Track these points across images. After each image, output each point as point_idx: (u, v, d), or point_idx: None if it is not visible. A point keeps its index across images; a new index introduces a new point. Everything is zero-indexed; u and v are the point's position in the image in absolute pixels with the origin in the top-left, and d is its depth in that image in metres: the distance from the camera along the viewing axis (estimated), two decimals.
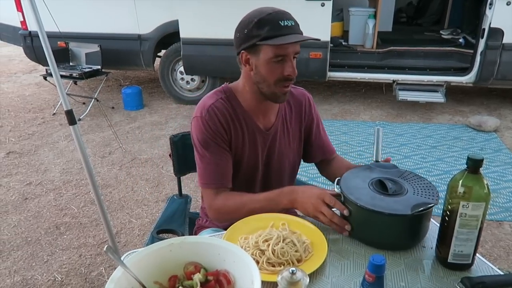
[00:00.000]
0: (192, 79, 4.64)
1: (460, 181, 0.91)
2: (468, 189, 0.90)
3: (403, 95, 4.22)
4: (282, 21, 1.14)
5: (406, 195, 1.07)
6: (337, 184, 1.14)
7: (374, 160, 1.26)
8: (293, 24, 1.16)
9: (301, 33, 1.17)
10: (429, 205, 1.01)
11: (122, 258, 0.93)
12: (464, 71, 4.15)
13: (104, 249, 0.77)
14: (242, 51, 1.21)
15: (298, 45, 1.18)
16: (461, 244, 0.94)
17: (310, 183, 2.15)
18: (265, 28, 1.13)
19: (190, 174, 1.65)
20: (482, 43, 3.92)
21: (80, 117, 4.29)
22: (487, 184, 0.91)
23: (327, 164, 1.51)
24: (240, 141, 1.29)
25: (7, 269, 2.20)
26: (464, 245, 0.94)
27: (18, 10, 4.57)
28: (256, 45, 1.16)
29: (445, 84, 4.24)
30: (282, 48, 1.15)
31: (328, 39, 4.08)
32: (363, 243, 1.08)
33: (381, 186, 1.11)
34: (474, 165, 0.90)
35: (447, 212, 0.95)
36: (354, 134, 3.86)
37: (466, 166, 0.91)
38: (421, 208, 1.00)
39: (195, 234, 1.46)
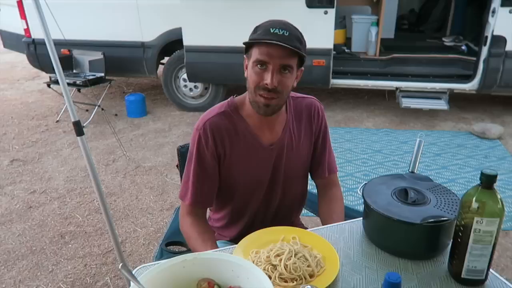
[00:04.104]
0: (195, 86, 4.65)
1: (474, 197, 0.91)
2: (482, 204, 0.90)
3: (406, 102, 4.23)
4: (273, 28, 1.12)
5: (425, 206, 1.07)
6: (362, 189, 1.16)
7: (409, 170, 1.27)
8: (285, 33, 1.11)
9: (289, 44, 1.10)
10: (442, 219, 1.01)
11: (133, 272, 0.93)
12: (467, 78, 4.16)
13: (120, 267, 0.77)
14: (245, 56, 1.22)
15: (286, 58, 1.12)
16: (475, 260, 0.94)
17: None
18: (257, 32, 1.15)
19: None
20: (485, 50, 3.93)
21: (84, 125, 4.26)
22: (500, 199, 0.91)
23: (322, 197, 1.43)
24: (237, 157, 1.27)
25: (12, 278, 2.19)
26: (478, 260, 0.94)
27: (21, 18, 4.58)
28: (249, 48, 1.18)
29: (448, 91, 4.25)
30: (264, 54, 1.12)
31: (331, 46, 4.09)
32: (378, 247, 1.10)
33: (403, 194, 1.12)
34: (488, 181, 0.90)
35: (460, 227, 0.95)
36: (358, 142, 3.86)
37: (479, 181, 0.91)
38: (432, 220, 1.00)
39: None
